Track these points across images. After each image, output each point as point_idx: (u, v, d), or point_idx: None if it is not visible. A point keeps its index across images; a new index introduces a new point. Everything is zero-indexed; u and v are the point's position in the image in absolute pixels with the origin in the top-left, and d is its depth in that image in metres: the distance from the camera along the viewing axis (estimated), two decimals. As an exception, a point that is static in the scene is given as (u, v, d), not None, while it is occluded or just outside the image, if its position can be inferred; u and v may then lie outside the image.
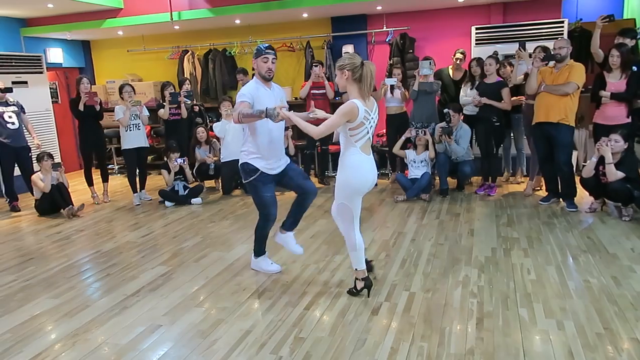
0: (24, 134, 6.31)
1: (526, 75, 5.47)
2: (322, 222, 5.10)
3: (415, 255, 4.06)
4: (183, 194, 6.23)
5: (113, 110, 6.21)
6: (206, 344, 2.81)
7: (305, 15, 7.34)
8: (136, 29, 7.85)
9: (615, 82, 4.99)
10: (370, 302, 3.23)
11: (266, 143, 3.50)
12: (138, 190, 6.43)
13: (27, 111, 6.51)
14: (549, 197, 5.47)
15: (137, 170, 6.37)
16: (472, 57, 6.25)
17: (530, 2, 6.89)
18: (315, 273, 3.77)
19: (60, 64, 8.80)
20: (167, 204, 6.18)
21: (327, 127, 3.10)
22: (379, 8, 7.05)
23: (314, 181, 7.02)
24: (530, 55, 5.43)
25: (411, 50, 7.33)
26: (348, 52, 7.26)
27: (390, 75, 6.67)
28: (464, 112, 6.13)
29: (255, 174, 3.51)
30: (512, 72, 5.92)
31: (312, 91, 6.69)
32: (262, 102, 3.40)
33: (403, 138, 6.12)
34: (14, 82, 7.10)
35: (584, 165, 5.42)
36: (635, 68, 4.93)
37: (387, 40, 7.52)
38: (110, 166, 8.36)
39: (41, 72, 7.82)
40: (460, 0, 6.77)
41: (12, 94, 6.25)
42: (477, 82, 5.92)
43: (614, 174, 4.68)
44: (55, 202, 5.84)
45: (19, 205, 6.32)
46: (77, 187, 7.14)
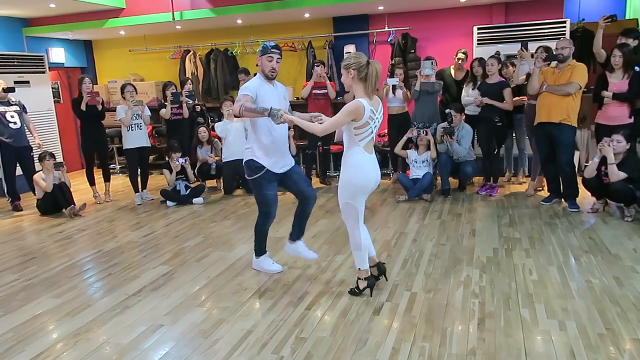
0: (25, 134, 6.32)
1: (528, 76, 5.46)
2: (324, 222, 5.10)
3: (417, 256, 4.06)
4: (185, 194, 6.23)
5: (115, 110, 6.21)
6: (207, 344, 2.81)
7: (307, 15, 7.34)
8: (138, 28, 7.86)
9: (618, 82, 4.98)
10: (372, 302, 3.23)
11: (269, 142, 3.50)
12: (140, 190, 6.44)
13: (29, 111, 6.52)
14: (550, 197, 5.46)
15: (139, 170, 6.38)
16: (474, 57, 6.24)
17: (533, 2, 6.88)
18: (316, 273, 3.77)
19: (63, 63, 8.82)
20: (168, 203, 6.18)
21: (331, 124, 3.13)
22: (380, 8, 7.05)
23: (315, 181, 7.03)
24: (533, 56, 5.42)
25: (413, 50, 7.33)
26: (350, 52, 7.29)
27: (392, 75, 6.66)
28: (466, 112, 6.13)
29: (261, 172, 3.51)
30: (514, 72, 5.91)
31: (314, 91, 6.69)
32: (266, 98, 3.40)
33: (405, 138, 6.11)
34: (16, 82, 7.12)
35: (586, 166, 5.42)
36: (637, 68, 4.92)
37: (388, 40, 7.52)
38: (112, 166, 8.37)
39: (43, 72, 7.84)
40: (462, 0, 6.76)
41: (14, 94, 6.27)
42: (479, 82, 5.92)
43: (616, 175, 4.67)
44: (57, 202, 5.85)
45: (21, 204, 6.34)
46: (78, 186, 7.15)
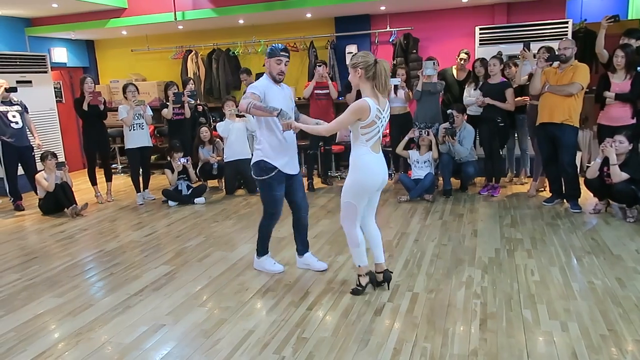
0: (27, 134, 6.33)
1: (530, 76, 5.45)
2: (325, 222, 5.10)
3: (419, 256, 4.06)
4: (186, 194, 6.23)
5: (117, 110, 6.22)
6: (209, 344, 2.81)
7: (308, 15, 7.34)
8: (140, 28, 7.87)
9: (620, 82, 4.97)
10: (374, 303, 3.22)
11: (277, 142, 3.51)
12: (141, 189, 6.45)
13: (31, 110, 6.53)
14: (552, 198, 5.45)
15: (141, 170, 6.38)
16: (476, 58, 6.24)
17: (535, 2, 6.87)
18: (318, 273, 3.77)
19: (65, 63, 8.83)
20: (170, 203, 6.19)
21: (337, 124, 3.18)
22: (382, 8, 7.05)
23: (317, 181, 7.03)
24: (535, 56, 5.41)
25: (415, 51, 7.33)
26: (352, 52, 7.29)
27: (394, 76, 6.64)
28: (468, 112, 6.12)
29: (272, 172, 3.51)
30: (517, 72, 5.91)
31: (316, 91, 6.68)
32: (274, 99, 3.44)
33: (406, 138, 6.11)
34: (18, 82, 7.13)
35: (588, 167, 5.41)
36: (640, 69, 4.92)
37: (390, 40, 7.52)
38: (113, 165, 8.38)
39: (45, 72, 7.86)
40: (464, 0, 6.76)
41: (16, 94, 6.28)
42: (481, 83, 5.91)
43: (618, 175, 4.66)
44: (59, 202, 5.85)
45: (23, 204, 6.34)
46: (80, 186, 7.15)
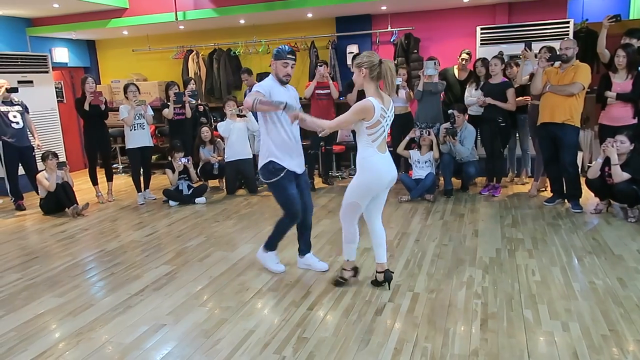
0: (27, 134, 6.34)
1: (532, 76, 5.45)
2: (326, 222, 5.10)
3: (419, 256, 4.05)
4: (187, 194, 6.23)
5: (118, 110, 6.22)
6: (210, 344, 2.81)
7: (309, 15, 7.34)
8: (141, 28, 7.87)
9: (621, 82, 4.96)
10: (374, 303, 3.22)
11: (282, 141, 3.51)
12: (142, 189, 6.45)
13: (32, 110, 6.54)
14: (553, 198, 5.44)
15: (142, 170, 6.38)
16: (477, 58, 6.24)
17: (536, 2, 6.86)
18: (318, 273, 3.76)
19: (66, 63, 8.84)
20: (171, 203, 6.19)
21: (339, 122, 3.21)
22: (383, 8, 7.04)
23: (318, 181, 7.03)
24: (536, 56, 5.41)
25: (416, 51, 7.32)
26: (354, 52, 7.29)
27: (394, 75, 6.65)
28: (469, 112, 6.11)
29: (282, 173, 3.51)
30: (518, 72, 5.90)
31: (317, 91, 6.68)
32: (278, 98, 3.44)
33: (407, 138, 6.10)
34: (19, 82, 7.14)
35: (589, 166, 5.40)
36: (641, 68, 4.91)
37: (391, 40, 7.51)
38: (114, 165, 8.38)
39: (47, 72, 7.86)
40: (465, 0, 6.75)
41: (17, 94, 6.28)
42: (482, 83, 5.91)
43: (619, 175, 4.66)
44: (60, 201, 5.86)
45: (24, 204, 6.35)
46: (81, 186, 7.16)
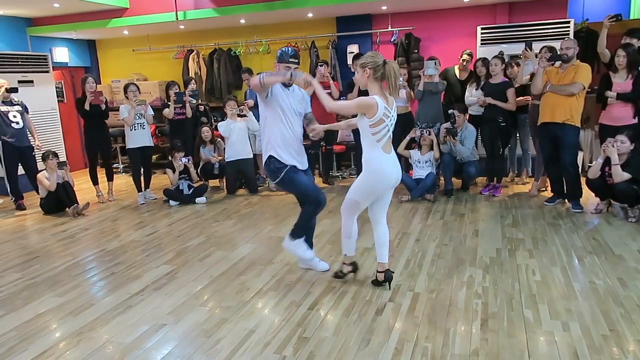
0: (27, 134, 6.34)
1: (532, 76, 5.45)
2: (327, 222, 5.10)
3: (420, 256, 4.06)
4: (187, 193, 6.23)
5: (118, 110, 6.22)
6: (210, 343, 2.81)
7: (310, 15, 7.34)
8: (141, 28, 7.87)
9: (622, 82, 4.96)
10: (375, 302, 3.22)
11: (280, 138, 3.51)
12: (143, 189, 6.45)
13: (33, 110, 6.54)
14: (554, 198, 5.44)
15: (142, 170, 6.38)
16: (478, 57, 6.23)
17: (536, 2, 6.86)
18: (319, 273, 3.76)
19: (66, 63, 8.84)
20: (171, 203, 6.19)
21: (342, 106, 3.31)
22: (384, 8, 7.04)
23: (318, 181, 7.03)
24: (537, 56, 5.41)
25: (416, 50, 7.32)
26: (354, 52, 7.29)
27: (395, 75, 6.65)
28: (470, 112, 6.11)
29: (285, 168, 3.51)
30: (519, 72, 5.90)
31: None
32: (280, 97, 3.45)
33: (408, 138, 6.10)
34: (20, 81, 7.14)
35: (589, 166, 5.40)
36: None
37: (392, 40, 7.52)
38: (115, 165, 8.38)
39: (47, 72, 7.86)
40: (466, 0, 6.75)
41: (17, 94, 6.28)
42: (483, 83, 5.91)
43: (620, 175, 4.66)
44: (61, 201, 5.86)
45: (24, 203, 6.35)
46: (82, 185, 7.15)
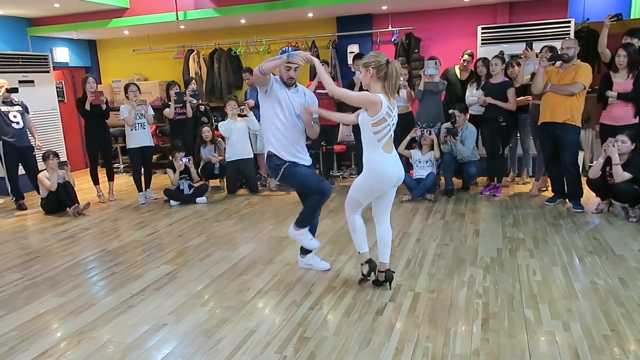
0: (27, 134, 6.34)
1: (533, 75, 5.45)
2: (327, 221, 5.10)
3: (420, 256, 4.05)
4: (188, 193, 6.24)
5: (119, 110, 6.22)
6: (211, 343, 2.81)
7: (310, 14, 7.34)
8: (142, 28, 7.87)
9: (622, 82, 4.96)
10: (375, 302, 3.22)
11: (284, 130, 3.50)
12: (143, 189, 6.45)
13: (33, 110, 6.54)
14: (555, 197, 5.44)
15: (143, 169, 6.38)
16: (478, 57, 6.23)
17: (537, 1, 6.86)
18: (319, 272, 3.76)
19: (67, 63, 8.85)
20: (172, 203, 6.19)
21: (344, 93, 3.25)
22: (384, 8, 7.04)
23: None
24: (537, 55, 5.40)
25: (417, 50, 7.32)
26: (354, 52, 7.28)
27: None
28: (470, 112, 6.10)
29: (285, 165, 3.51)
30: (520, 72, 5.90)
31: (317, 91, 6.65)
32: (279, 93, 3.45)
33: (408, 138, 6.09)
34: (20, 81, 7.14)
35: (590, 166, 5.40)
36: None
37: (392, 40, 7.51)
38: (115, 165, 8.38)
39: (48, 72, 7.86)
40: (466, 0, 6.75)
41: (18, 94, 6.28)
42: (483, 82, 5.91)
43: (620, 175, 4.65)
44: (61, 201, 5.86)
45: (25, 203, 6.35)
46: (82, 185, 7.16)
